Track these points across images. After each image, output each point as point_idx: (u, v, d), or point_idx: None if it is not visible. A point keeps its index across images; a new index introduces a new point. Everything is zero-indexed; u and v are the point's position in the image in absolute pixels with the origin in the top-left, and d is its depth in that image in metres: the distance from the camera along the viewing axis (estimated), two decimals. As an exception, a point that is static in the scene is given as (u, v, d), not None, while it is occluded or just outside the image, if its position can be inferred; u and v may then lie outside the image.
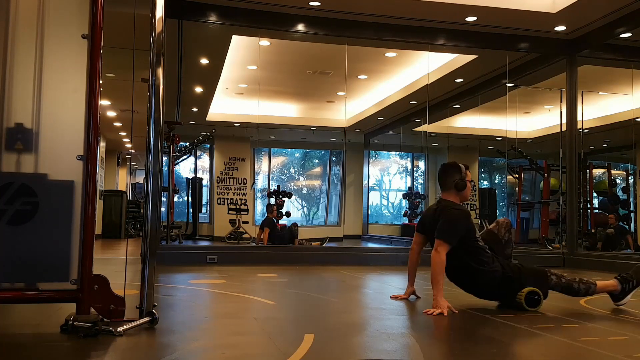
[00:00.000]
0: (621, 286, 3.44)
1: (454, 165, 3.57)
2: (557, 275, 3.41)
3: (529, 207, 12.31)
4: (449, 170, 3.56)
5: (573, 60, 7.76)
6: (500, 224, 3.65)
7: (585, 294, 3.43)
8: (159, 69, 2.74)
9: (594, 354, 2.29)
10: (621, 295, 3.45)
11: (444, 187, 3.57)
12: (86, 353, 2.18)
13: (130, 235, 14.91)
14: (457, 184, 3.50)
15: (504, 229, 3.62)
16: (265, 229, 9.14)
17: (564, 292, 3.41)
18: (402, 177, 15.69)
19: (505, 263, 3.42)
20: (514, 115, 9.23)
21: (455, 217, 3.36)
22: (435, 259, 3.27)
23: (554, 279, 3.38)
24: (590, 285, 3.41)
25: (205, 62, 8.71)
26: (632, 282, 3.45)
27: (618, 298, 3.46)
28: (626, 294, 3.45)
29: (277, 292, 4.20)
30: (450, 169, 3.57)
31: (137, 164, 19.93)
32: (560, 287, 3.39)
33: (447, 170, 3.58)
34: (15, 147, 2.44)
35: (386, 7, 6.79)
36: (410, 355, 2.24)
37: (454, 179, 3.52)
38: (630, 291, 3.46)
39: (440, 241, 3.30)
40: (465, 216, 3.41)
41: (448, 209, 3.42)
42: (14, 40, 2.47)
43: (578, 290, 3.41)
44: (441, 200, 3.58)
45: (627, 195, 10.76)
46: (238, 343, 2.40)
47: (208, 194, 13.13)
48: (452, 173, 3.54)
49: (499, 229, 3.62)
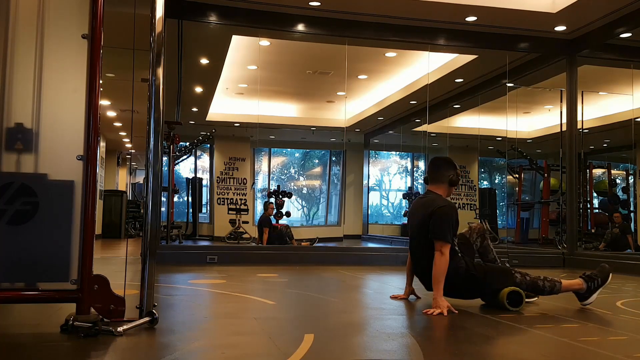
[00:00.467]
0: (586, 285, 3.45)
1: (448, 160, 3.63)
2: (522, 273, 3.43)
3: (529, 207, 12.31)
4: (444, 165, 3.61)
5: (573, 60, 7.76)
6: (472, 229, 3.70)
7: (550, 292, 3.44)
8: (159, 69, 2.74)
9: (594, 354, 2.29)
10: (587, 294, 3.46)
11: (437, 181, 3.59)
12: (86, 353, 2.18)
13: (130, 235, 14.91)
14: (452, 180, 3.56)
15: (476, 234, 3.67)
16: (265, 228, 9.14)
17: (529, 290, 3.43)
18: (402, 177, 15.69)
19: (470, 262, 3.45)
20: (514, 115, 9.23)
21: (447, 214, 3.38)
22: (440, 260, 3.27)
23: (518, 277, 3.40)
24: (555, 284, 3.43)
25: (205, 62, 8.71)
26: (597, 281, 3.46)
27: (584, 297, 3.47)
28: (592, 292, 3.46)
29: (277, 292, 4.20)
30: (446, 163, 3.62)
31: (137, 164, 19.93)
32: (525, 284, 3.39)
33: (442, 164, 3.62)
34: (15, 147, 2.44)
35: (386, 7, 6.79)
36: (410, 355, 2.24)
37: (449, 174, 3.56)
38: (596, 290, 3.46)
39: (441, 242, 3.31)
40: (454, 211, 3.46)
41: (437, 209, 3.40)
42: (14, 40, 2.47)
43: (543, 288, 3.42)
44: (428, 192, 3.61)
45: (627, 195, 10.76)
46: (238, 343, 2.40)
47: (208, 194, 13.13)
48: (448, 168, 3.59)
49: (470, 234, 3.67)
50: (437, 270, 3.26)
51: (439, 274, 3.25)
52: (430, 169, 3.68)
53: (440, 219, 3.36)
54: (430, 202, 3.48)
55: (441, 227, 3.33)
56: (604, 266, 3.55)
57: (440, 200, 3.49)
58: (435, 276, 3.26)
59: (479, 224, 3.79)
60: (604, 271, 3.50)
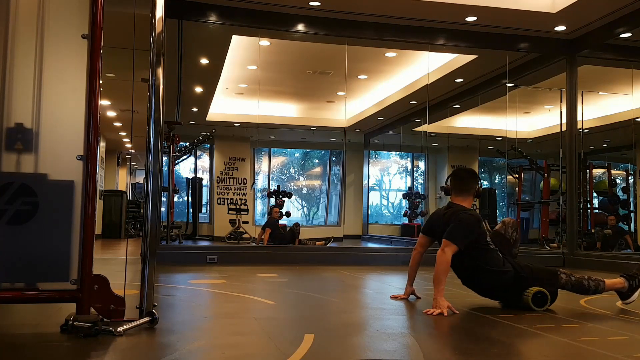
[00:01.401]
0: (628, 283, 3.48)
1: (474, 173, 3.68)
2: (567, 273, 3.45)
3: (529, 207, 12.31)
4: (470, 177, 3.63)
5: (573, 60, 7.76)
6: (507, 224, 3.67)
7: (595, 292, 3.45)
8: (159, 69, 2.74)
9: (594, 354, 2.29)
10: (629, 292, 3.49)
11: (462, 192, 3.59)
12: (86, 353, 2.18)
13: (130, 235, 14.91)
14: (478, 192, 3.60)
15: (511, 228, 3.64)
16: (267, 229, 9.14)
17: (574, 290, 3.43)
18: (402, 177, 15.69)
19: (516, 263, 3.44)
20: (514, 115, 9.23)
21: (467, 222, 3.36)
22: (441, 259, 3.27)
23: (564, 277, 3.41)
24: (599, 283, 3.45)
25: (205, 62, 8.71)
26: (638, 279, 3.50)
27: (626, 296, 3.50)
28: (634, 290, 3.49)
29: (277, 292, 4.20)
30: (473, 175, 3.66)
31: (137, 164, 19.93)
32: (570, 285, 3.42)
33: (469, 177, 3.64)
34: (15, 147, 2.44)
35: (386, 7, 6.79)
36: (410, 355, 2.24)
37: (476, 187, 3.60)
38: (638, 288, 3.50)
39: (449, 242, 3.30)
40: (477, 221, 3.42)
41: (460, 213, 3.42)
42: (14, 40, 2.47)
43: (588, 287, 3.43)
44: (452, 204, 3.58)
45: (627, 195, 10.76)
46: (238, 343, 2.40)
47: (208, 194, 13.13)
48: (475, 180, 3.62)
49: (505, 229, 3.63)
50: (438, 269, 3.26)
51: (439, 274, 3.25)
52: (455, 180, 3.65)
53: (457, 224, 3.35)
54: (452, 213, 3.46)
55: (455, 229, 3.33)
56: None
57: (464, 210, 3.48)
58: (435, 276, 3.26)
59: (510, 218, 3.78)
60: None
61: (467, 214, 3.42)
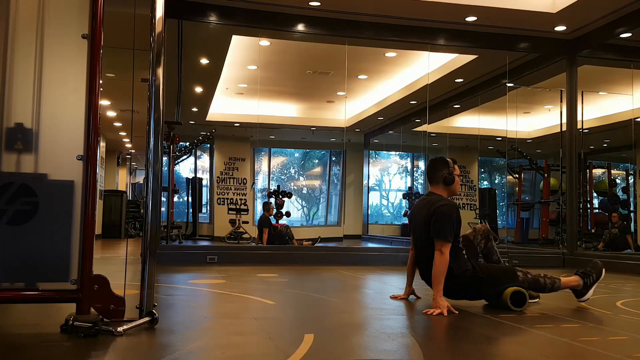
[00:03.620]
0: (583, 281, 3.52)
1: (442, 160, 3.63)
2: (524, 272, 3.46)
3: (529, 207, 12.31)
4: (437, 165, 3.62)
5: (573, 60, 7.76)
6: (477, 231, 3.71)
7: (551, 290, 3.48)
8: (159, 69, 2.74)
9: (594, 354, 2.29)
10: (584, 290, 3.53)
11: (433, 181, 3.63)
12: (86, 353, 2.18)
13: (130, 235, 14.91)
14: (445, 179, 3.55)
15: (480, 236, 3.68)
16: (265, 229, 9.14)
17: (531, 288, 3.46)
18: (402, 177, 15.69)
19: (475, 263, 3.46)
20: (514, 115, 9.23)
21: (447, 213, 3.37)
22: (439, 260, 3.27)
23: (520, 275, 3.43)
24: (555, 280, 3.48)
25: (205, 62, 8.71)
26: (592, 277, 3.54)
27: (581, 294, 3.54)
28: (588, 288, 3.53)
29: (277, 292, 4.20)
30: (439, 163, 3.62)
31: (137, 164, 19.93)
32: (527, 282, 3.42)
33: (435, 165, 3.64)
34: (15, 147, 2.44)
35: (386, 7, 6.79)
36: (410, 355, 2.24)
37: (442, 174, 3.57)
38: (592, 285, 3.54)
39: (442, 241, 3.31)
40: (454, 209, 3.43)
41: (439, 206, 3.41)
42: (14, 40, 2.47)
43: (544, 285, 3.46)
44: (430, 193, 3.62)
45: (627, 195, 10.76)
46: (238, 343, 2.40)
47: (208, 194, 13.13)
48: (441, 167, 3.59)
49: (474, 236, 3.68)
50: (437, 270, 3.26)
51: (438, 274, 3.26)
52: (427, 171, 3.73)
53: (440, 218, 3.36)
54: (431, 202, 3.48)
55: (441, 226, 3.33)
56: (597, 262, 3.62)
57: (442, 200, 3.50)
58: (435, 276, 3.26)
59: (483, 226, 3.78)
60: (597, 267, 3.58)
61: (444, 204, 3.42)
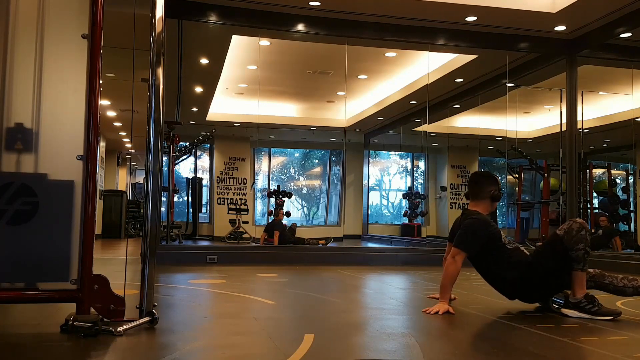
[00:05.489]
0: None
1: (490, 176, 3.50)
2: None
3: (529, 207, 12.30)
4: (487, 180, 3.47)
5: (573, 60, 7.76)
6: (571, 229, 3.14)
7: None
8: (159, 69, 2.74)
9: (594, 354, 2.29)
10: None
11: (477, 197, 3.46)
12: (86, 353, 2.18)
13: (130, 235, 14.91)
14: (494, 195, 3.43)
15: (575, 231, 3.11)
16: (276, 231, 9.14)
17: None
18: (402, 177, 15.69)
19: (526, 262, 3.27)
20: (514, 115, 9.23)
21: (472, 227, 3.30)
22: (451, 267, 3.25)
23: None
24: None
25: (205, 62, 8.71)
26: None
27: None
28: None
29: (277, 292, 4.20)
30: (489, 179, 3.48)
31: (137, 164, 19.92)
32: None
33: (483, 180, 3.49)
34: (15, 147, 2.44)
35: (386, 7, 6.79)
36: (410, 355, 2.23)
37: (490, 190, 3.42)
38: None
39: (458, 250, 3.27)
40: (482, 224, 3.32)
41: (467, 218, 3.37)
42: (14, 40, 2.47)
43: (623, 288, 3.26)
44: (465, 210, 3.51)
45: (627, 195, 10.76)
46: (238, 343, 2.40)
47: (208, 194, 13.13)
48: (490, 183, 3.45)
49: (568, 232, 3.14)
50: (447, 276, 3.25)
51: (447, 281, 3.25)
52: (470, 185, 3.54)
53: (464, 230, 3.30)
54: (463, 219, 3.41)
55: (462, 236, 3.29)
56: None
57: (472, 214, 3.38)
58: (443, 283, 3.27)
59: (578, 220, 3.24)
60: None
61: (472, 218, 3.34)
